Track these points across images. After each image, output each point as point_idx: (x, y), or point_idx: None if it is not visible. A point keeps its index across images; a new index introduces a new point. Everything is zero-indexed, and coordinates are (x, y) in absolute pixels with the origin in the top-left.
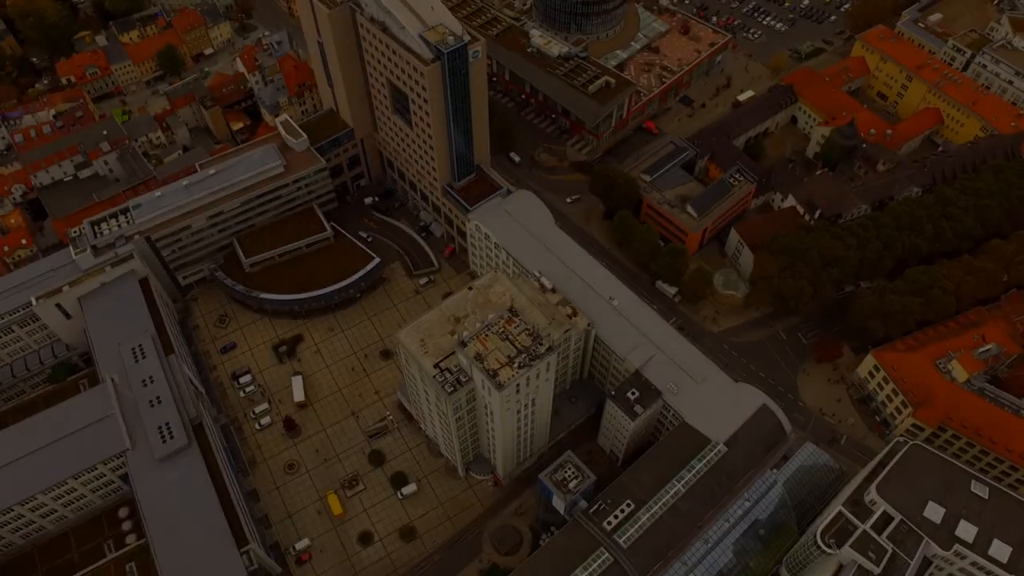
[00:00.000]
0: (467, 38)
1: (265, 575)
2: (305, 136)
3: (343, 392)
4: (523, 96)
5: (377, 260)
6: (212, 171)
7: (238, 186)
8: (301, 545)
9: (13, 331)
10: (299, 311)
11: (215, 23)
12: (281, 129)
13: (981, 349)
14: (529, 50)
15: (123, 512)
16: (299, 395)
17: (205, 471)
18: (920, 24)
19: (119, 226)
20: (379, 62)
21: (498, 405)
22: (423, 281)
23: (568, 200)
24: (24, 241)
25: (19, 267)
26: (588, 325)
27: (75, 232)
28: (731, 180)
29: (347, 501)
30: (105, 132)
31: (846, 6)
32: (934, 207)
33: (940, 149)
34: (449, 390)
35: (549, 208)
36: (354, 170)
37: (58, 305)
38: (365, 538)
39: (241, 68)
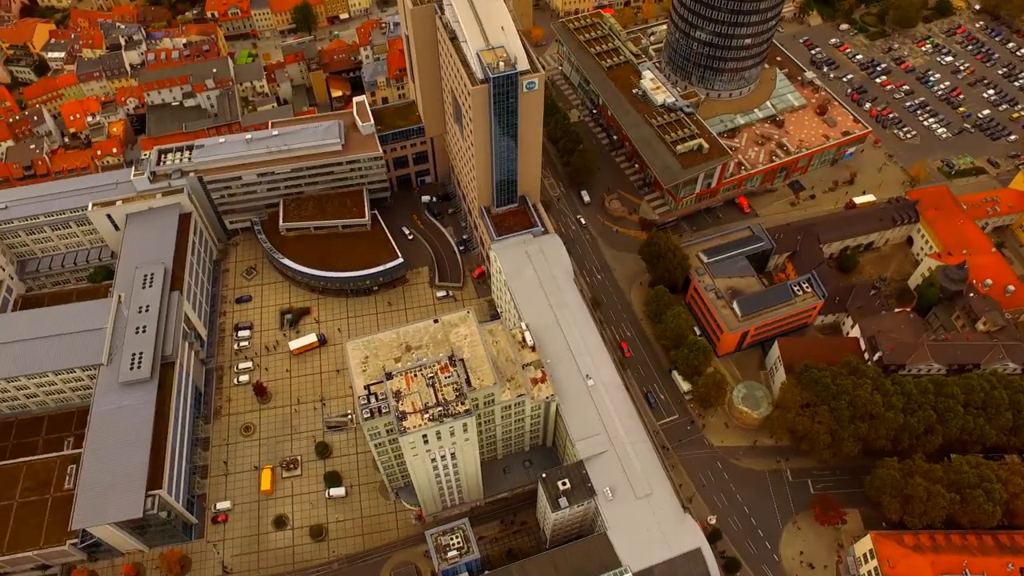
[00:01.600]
0: (523, 67)
1: (177, 521)
2: (372, 122)
3: (322, 376)
4: (616, 136)
5: (400, 261)
6: (275, 132)
7: (293, 152)
8: (222, 506)
9: (71, 227)
10: (316, 286)
11: None
12: (355, 108)
13: None
14: (635, 91)
15: None
16: (297, 345)
17: (152, 408)
18: None
19: (180, 160)
20: (446, 68)
21: (404, 448)
22: (441, 294)
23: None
24: (115, 150)
25: (104, 171)
26: (549, 397)
27: (144, 155)
28: (795, 288)
29: (279, 481)
30: (215, 70)
31: None
32: None
33: None
34: (366, 415)
35: (598, 260)
36: (420, 166)
37: (109, 216)
38: (280, 522)
39: (357, 39)
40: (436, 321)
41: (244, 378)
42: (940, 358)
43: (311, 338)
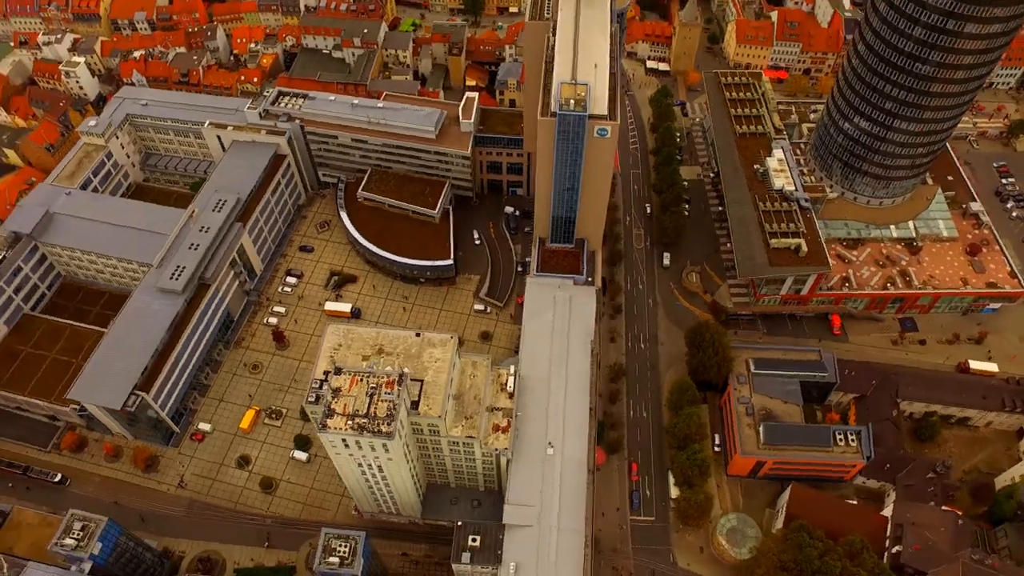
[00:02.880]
0: (598, 111)
1: (163, 425)
2: (472, 120)
3: None
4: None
5: (448, 262)
6: (380, 104)
7: (388, 128)
8: (203, 427)
9: (190, 137)
10: (370, 258)
11: None
12: (463, 103)
13: None
14: (757, 167)
15: None
16: (331, 307)
17: (171, 320)
18: None
19: (291, 106)
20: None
21: (325, 444)
22: (480, 307)
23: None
24: (256, 79)
25: (242, 95)
26: (499, 449)
27: (266, 92)
28: (838, 436)
29: (259, 424)
30: (365, 31)
31: None
32: None
33: None
34: (310, 399)
35: (650, 329)
36: (513, 176)
37: (218, 136)
38: (242, 462)
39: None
40: (418, 335)
41: (273, 320)
42: None
43: (346, 307)
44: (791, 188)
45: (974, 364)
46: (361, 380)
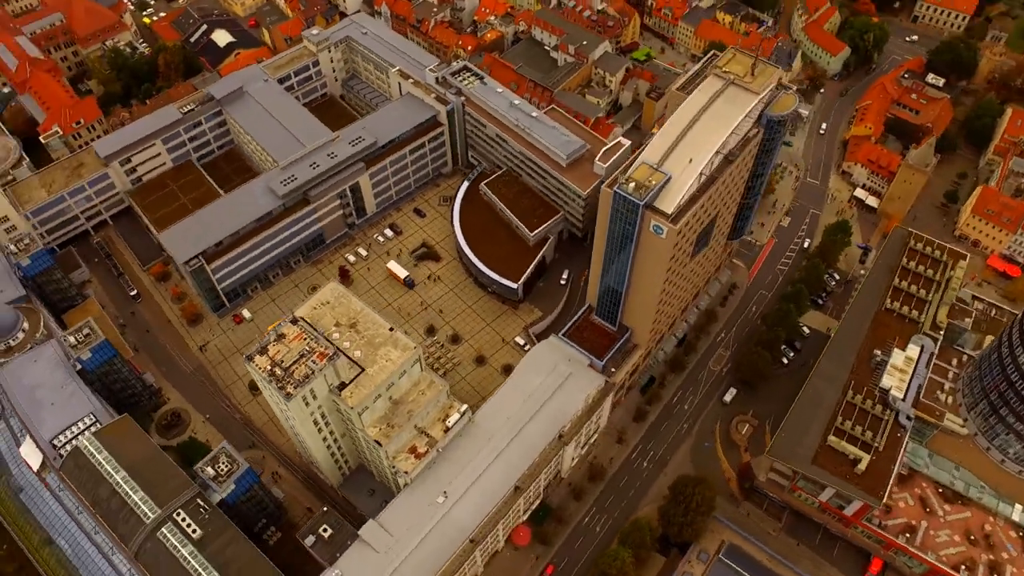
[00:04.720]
0: (663, 207)
1: (216, 294)
2: (608, 165)
3: (385, 308)
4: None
5: (513, 286)
6: (535, 113)
7: (528, 137)
8: (245, 313)
9: (383, 75)
10: (459, 248)
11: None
12: (609, 145)
13: None
14: (876, 352)
15: None
16: (391, 267)
17: (261, 213)
18: None
19: (465, 82)
20: None
21: (248, 368)
22: (520, 340)
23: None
24: (468, 48)
25: (454, 58)
26: (397, 470)
27: (457, 63)
28: None
29: None
30: (584, 43)
31: None
32: None
33: None
34: (267, 336)
35: (664, 453)
36: None
37: (399, 83)
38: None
39: None
40: (391, 330)
41: (351, 258)
42: None
43: (403, 273)
44: (898, 395)
45: None
46: (304, 340)
